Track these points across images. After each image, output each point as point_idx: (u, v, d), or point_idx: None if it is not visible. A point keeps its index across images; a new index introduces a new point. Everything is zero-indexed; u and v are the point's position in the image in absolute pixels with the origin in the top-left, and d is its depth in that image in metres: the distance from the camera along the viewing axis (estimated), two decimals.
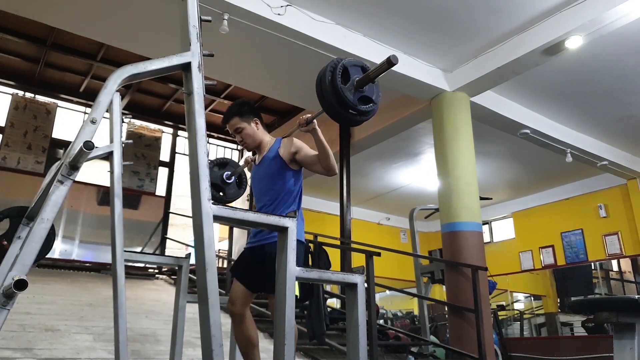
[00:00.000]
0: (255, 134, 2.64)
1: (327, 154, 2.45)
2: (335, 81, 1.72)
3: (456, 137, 5.55)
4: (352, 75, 1.76)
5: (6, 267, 1.26)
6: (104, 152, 2.19)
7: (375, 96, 1.82)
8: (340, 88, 1.72)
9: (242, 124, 2.61)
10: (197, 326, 1.41)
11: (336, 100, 1.74)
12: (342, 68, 1.75)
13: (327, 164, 2.46)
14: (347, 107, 1.75)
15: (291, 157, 2.55)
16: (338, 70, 1.74)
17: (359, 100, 1.77)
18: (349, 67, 1.77)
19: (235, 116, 2.62)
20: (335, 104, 1.74)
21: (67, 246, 7.93)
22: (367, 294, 3.88)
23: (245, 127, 2.61)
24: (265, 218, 1.47)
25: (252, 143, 2.65)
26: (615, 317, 2.21)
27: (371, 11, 4.84)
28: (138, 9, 5.03)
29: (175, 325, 2.66)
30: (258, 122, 2.67)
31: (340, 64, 1.76)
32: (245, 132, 2.62)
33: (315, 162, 2.49)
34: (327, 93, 1.74)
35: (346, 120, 1.81)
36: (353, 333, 1.55)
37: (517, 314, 11.58)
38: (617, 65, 5.63)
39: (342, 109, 1.76)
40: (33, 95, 8.12)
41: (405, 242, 11.69)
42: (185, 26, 1.49)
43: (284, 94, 7.08)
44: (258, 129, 2.66)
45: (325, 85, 1.74)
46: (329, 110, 1.79)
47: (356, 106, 1.75)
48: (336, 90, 1.72)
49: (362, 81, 1.76)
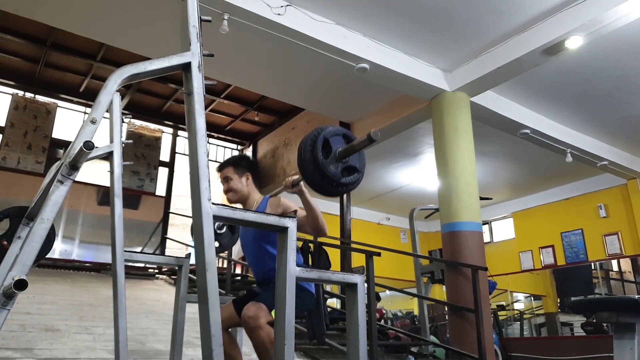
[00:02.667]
0: (242, 188, 2.62)
1: (316, 216, 2.37)
2: (316, 155, 1.62)
3: (456, 137, 5.55)
4: (334, 146, 1.66)
5: (6, 267, 1.26)
6: (104, 152, 2.18)
7: (359, 164, 1.72)
8: (321, 163, 1.61)
9: (233, 175, 2.60)
10: (197, 326, 1.41)
11: (319, 176, 1.64)
12: (322, 140, 1.64)
13: (317, 225, 2.38)
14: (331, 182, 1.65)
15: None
16: (319, 144, 1.63)
17: (343, 172, 1.67)
18: (329, 138, 1.66)
19: (230, 165, 2.64)
20: (318, 179, 1.65)
21: (67, 246, 7.93)
22: (368, 295, 3.88)
23: (234, 179, 2.61)
24: (265, 218, 1.47)
25: (236, 196, 2.62)
26: (615, 317, 2.21)
27: (371, 11, 4.84)
28: (138, 9, 5.03)
29: (175, 325, 2.66)
30: (249, 177, 2.66)
31: (320, 136, 1.65)
32: (233, 183, 2.61)
33: (303, 223, 2.40)
34: (308, 169, 1.64)
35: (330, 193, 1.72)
36: (353, 333, 1.55)
37: (517, 314, 11.58)
38: (617, 65, 5.63)
39: (325, 183, 1.66)
40: (33, 95, 8.12)
41: (405, 242, 11.69)
42: (185, 26, 1.49)
43: (284, 94, 7.08)
44: (247, 184, 2.64)
45: (306, 160, 1.63)
46: (312, 185, 1.69)
47: (340, 180, 1.65)
48: (318, 165, 1.62)
49: (345, 152, 1.66)
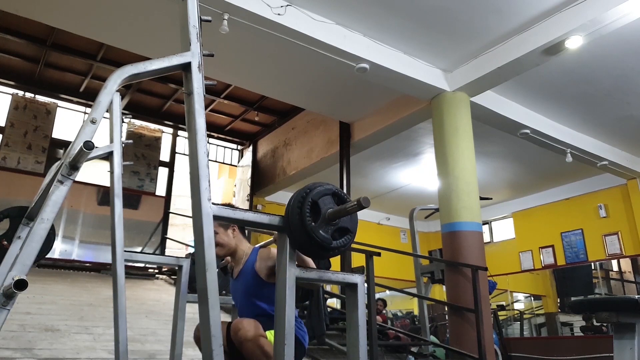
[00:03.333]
0: (229, 241, 2.54)
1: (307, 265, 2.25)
2: (304, 220, 1.52)
3: (456, 137, 5.55)
4: (323, 207, 1.57)
5: (6, 267, 1.26)
6: (104, 152, 2.19)
7: (351, 225, 1.63)
8: (310, 228, 1.52)
9: (217, 229, 2.47)
10: (195, 327, 1.41)
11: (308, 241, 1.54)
12: (310, 203, 1.54)
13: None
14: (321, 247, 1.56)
15: (269, 272, 2.40)
16: (306, 207, 1.53)
17: (334, 234, 1.58)
18: (318, 200, 1.56)
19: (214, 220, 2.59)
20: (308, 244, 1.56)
21: (67, 246, 7.93)
22: (368, 294, 3.88)
23: (220, 233, 2.50)
24: (265, 218, 1.47)
25: (223, 250, 2.54)
26: (615, 317, 2.21)
27: (371, 11, 4.84)
28: (138, 9, 5.03)
29: (175, 325, 2.66)
30: (235, 229, 2.58)
31: (307, 198, 1.55)
32: (219, 237, 2.49)
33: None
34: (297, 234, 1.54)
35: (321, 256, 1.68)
36: (353, 333, 1.55)
37: (517, 314, 11.59)
38: (617, 65, 5.63)
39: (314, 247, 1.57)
40: (33, 95, 8.12)
41: (405, 242, 11.69)
42: (185, 26, 1.49)
43: (284, 94, 7.08)
44: (234, 236, 2.56)
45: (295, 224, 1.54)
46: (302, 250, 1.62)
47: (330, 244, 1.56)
48: (307, 231, 1.52)
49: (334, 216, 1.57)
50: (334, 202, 1.59)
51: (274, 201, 9.74)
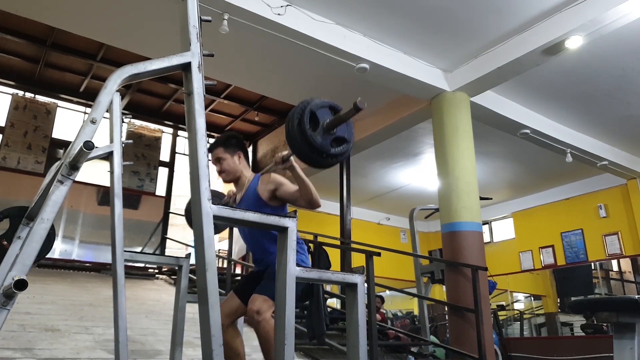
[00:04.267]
0: (235, 167, 2.64)
1: (309, 190, 2.39)
2: (304, 127, 1.64)
3: (456, 137, 5.55)
4: (321, 118, 1.69)
5: (6, 267, 1.26)
6: (104, 152, 2.19)
7: (348, 134, 1.75)
8: (309, 135, 1.64)
9: (224, 155, 2.62)
10: (197, 326, 1.42)
11: (307, 147, 1.67)
12: (309, 113, 1.67)
13: (310, 199, 2.41)
14: (320, 153, 1.68)
15: (270, 195, 2.51)
16: (306, 116, 1.66)
17: (331, 143, 1.70)
18: (316, 110, 1.69)
19: (220, 146, 2.64)
20: (307, 150, 1.67)
21: (67, 246, 7.93)
22: (368, 294, 3.87)
23: (227, 159, 2.62)
24: (265, 218, 1.47)
25: (230, 175, 2.64)
26: (615, 317, 2.21)
27: (371, 11, 4.84)
28: (138, 9, 5.03)
29: (175, 325, 2.66)
30: (241, 156, 2.67)
31: (307, 109, 1.68)
32: (226, 163, 2.62)
33: (297, 197, 2.45)
34: (296, 141, 1.66)
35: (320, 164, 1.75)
36: (353, 333, 1.55)
37: (517, 314, 11.59)
38: (617, 65, 5.63)
39: (314, 155, 1.69)
40: (33, 95, 8.12)
41: (405, 242, 11.69)
42: (185, 26, 1.49)
43: (284, 94, 7.08)
44: (240, 162, 2.66)
45: (294, 132, 1.66)
46: (301, 157, 1.72)
47: (329, 151, 1.68)
48: (305, 137, 1.65)
49: (332, 124, 1.69)
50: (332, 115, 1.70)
51: None
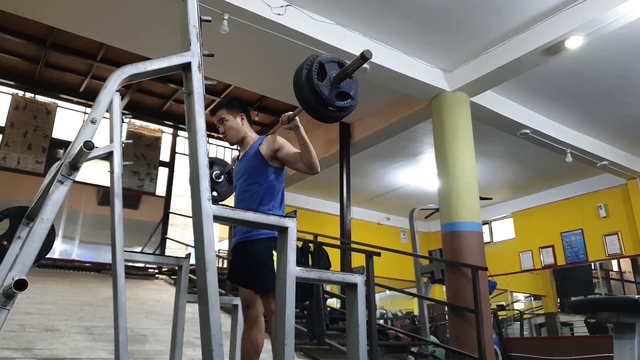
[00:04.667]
0: (238, 127, 2.68)
1: (309, 152, 2.45)
2: (312, 78, 1.69)
3: (456, 137, 5.55)
4: (329, 71, 1.73)
5: (6, 267, 1.26)
6: (104, 152, 2.19)
7: (353, 91, 1.78)
8: (316, 85, 1.68)
9: (227, 116, 2.66)
10: (197, 326, 1.42)
11: (313, 98, 1.71)
12: (318, 65, 1.71)
13: (309, 161, 2.46)
14: (324, 104, 1.72)
15: (272, 154, 2.56)
16: (314, 67, 1.70)
17: (336, 97, 1.73)
18: (325, 63, 1.73)
19: (223, 108, 2.69)
20: (313, 101, 1.72)
21: (67, 246, 7.93)
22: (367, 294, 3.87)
23: (229, 120, 2.67)
24: (265, 218, 1.47)
25: (234, 136, 2.69)
26: (615, 317, 2.21)
27: (371, 11, 4.84)
28: (138, 9, 5.03)
29: (175, 325, 2.66)
30: (244, 118, 2.72)
31: (316, 60, 1.72)
32: (229, 124, 2.67)
33: (298, 159, 2.50)
34: (303, 90, 1.71)
35: (324, 117, 1.78)
36: (353, 333, 1.55)
37: (517, 314, 11.58)
38: (617, 65, 5.63)
39: (319, 106, 1.73)
40: (33, 95, 8.12)
41: (405, 242, 11.69)
42: (185, 26, 1.49)
43: (284, 94, 7.07)
44: (243, 124, 2.71)
45: (302, 82, 1.71)
46: (307, 107, 1.76)
47: (334, 102, 1.72)
48: (313, 88, 1.69)
49: (338, 77, 1.72)
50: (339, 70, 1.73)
51: None
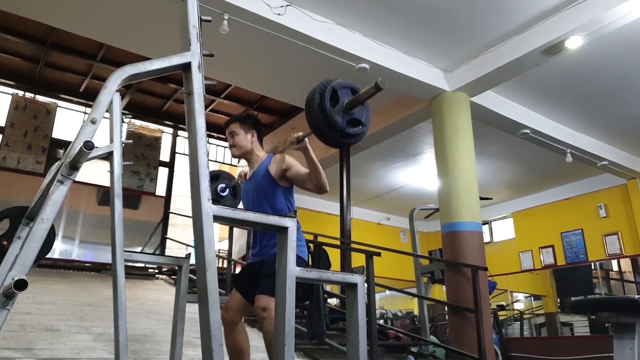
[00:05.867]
0: (246, 143, 2.70)
1: (319, 172, 2.45)
2: (324, 104, 1.68)
3: (456, 137, 5.55)
4: (342, 97, 1.73)
5: (6, 267, 1.26)
6: (104, 152, 2.19)
7: (364, 118, 1.78)
8: (328, 111, 1.68)
9: (239, 130, 2.70)
10: (197, 326, 1.42)
11: (325, 124, 1.70)
12: (331, 90, 1.70)
13: (319, 181, 2.46)
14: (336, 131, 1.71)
15: (281, 174, 2.57)
16: (327, 93, 1.69)
17: (348, 123, 1.73)
18: (338, 89, 1.72)
19: (237, 122, 2.72)
20: (324, 127, 1.71)
21: (67, 246, 7.93)
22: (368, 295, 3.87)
23: (240, 134, 2.69)
24: (265, 218, 1.47)
25: (240, 150, 2.71)
26: (615, 317, 2.21)
27: (371, 11, 4.84)
28: (138, 9, 5.03)
29: (175, 325, 2.66)
30: (254, 135, 2.74)
31: (329, 86, 1.71)
32: (238, 138, 2.70)
33: (307, 179, 2.50)
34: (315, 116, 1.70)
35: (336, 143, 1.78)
36: (353, 333, 1.55)
37: (517, 314, 11.58)
38: (617, 65, 5.63)
39: (331, 132, 1.72)
40: (33, 95, 8.12)
41: (405, 242, 11.69)
42: (185, 26, 1.49)
43: (284, 94, 7.08)
44: (252, 141, 2.72)
45: (314, 107, 1.70)
46: (317, 133, 1.76)
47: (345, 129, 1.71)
48: (325, 114, 1.68)
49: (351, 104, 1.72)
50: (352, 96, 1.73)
51: None
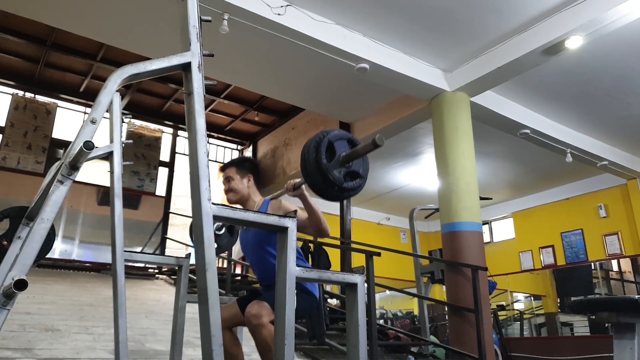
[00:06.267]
0: (242, 188, 2.65)
1: (318, 219, 2.37)
2: (320, 159, 1.59)
3: (456, 137, 5.55)
4: (338, 150, 1.64)
5: (6, 267, 1.26)
6: (104, 152, 2.18)
7: (362, 170, 1.70)
8: (325, 166, 1.59)
9: (235, 175, 2.64)
10: (197, 326, 1.42)
11: (322, 180, 1.61)
12: (327, 144, 1.62)
13: (319, 228, 2.39)
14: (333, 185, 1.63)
15: None
16: (323, 147, 1.61)
17: (345, 176, 1.65)
18: (334, 142, 1.64)
19: (233, 166, 2.68)
20: (321, 182, 1.62)
21: (67, 246, 7.93)
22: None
23: (236, 179, 2.64)
24: (265, 218, 1.47)
25: (237, 196, 2.64)
26: (615, 317, 2.21)
27: (371, 11, 4.84)
28: (138, 9, 5.03)
29: (175, 325, 2.66)
30: (251, 179, 2.69)
31: (325, 139, 1.62)
32: (234, 183, 2.64)
33: (306, 225, 2.41)
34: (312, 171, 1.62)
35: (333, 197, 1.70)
36: (353, 333, 1.55)
37: (517, 314, 11.58)
38: (617, 65, 5.63)
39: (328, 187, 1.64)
40: (33, 95, 8.12)
41: (405, 242, 11.68)
42: (185, 26, 1.49)
43: (284, 94, 7.08)
44: (248, 185, 2.67)
45: (310, 162, 1.61)
46: (314, 188, 1.68)
47: (342, 184, 1.63)
48: (321, 169, 1.59)
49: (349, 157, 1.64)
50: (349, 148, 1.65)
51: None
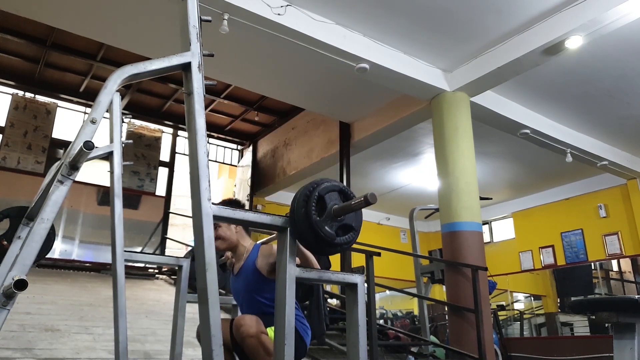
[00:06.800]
0: (231, 236, 2.55)
1: (310, 264, 2.32)
2: (310, 214, 1.51)
3: (456, 137, 5.55)
4: (329, 202, 1.56)
5: (6, 267, 1.26)
6: (104, 152, 2.19)
7: (355, 223, 1.63)
8: (315, 222, 1.50)
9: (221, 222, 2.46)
10: (197, 326, 1.41)
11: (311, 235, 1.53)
12: (316, 198, 1.53)
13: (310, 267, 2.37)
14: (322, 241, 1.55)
15: (270, 268, 2.40)
16: (312, 202, 1.52)
17: (338, 230, 1.57)
18: (324, 195, 1.55)
19: None
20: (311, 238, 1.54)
21: (67, 246, 7.93)
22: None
23: (223, 226, 2.52)
24: (264, 218, 1.47)
25: (226, 243, 2.55)
26: (615, 317, 2.21)
27: (371, 11, 4.84)
28: (138, 9, 5.03)
29: (175, 325, 2.66)
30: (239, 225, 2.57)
31: (314, 193, 1.53)
32: (221, 230, 2.52)
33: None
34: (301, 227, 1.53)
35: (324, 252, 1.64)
36: (353, 333, 1.55)
37: (517, 314, 11.58)
38: (617, 65, 5.63)
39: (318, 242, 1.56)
40: (33, 95, 8.12)
41: (405, 242, 11.69)
42: (185, 26, 1.49)
43: (284, 94, 7.08)
44: (237, 231, 2.57)
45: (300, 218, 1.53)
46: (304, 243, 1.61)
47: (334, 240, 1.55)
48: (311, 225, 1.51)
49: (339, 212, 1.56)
50: (340, 199, 1.58)
51: (274, 201, 9.74)
